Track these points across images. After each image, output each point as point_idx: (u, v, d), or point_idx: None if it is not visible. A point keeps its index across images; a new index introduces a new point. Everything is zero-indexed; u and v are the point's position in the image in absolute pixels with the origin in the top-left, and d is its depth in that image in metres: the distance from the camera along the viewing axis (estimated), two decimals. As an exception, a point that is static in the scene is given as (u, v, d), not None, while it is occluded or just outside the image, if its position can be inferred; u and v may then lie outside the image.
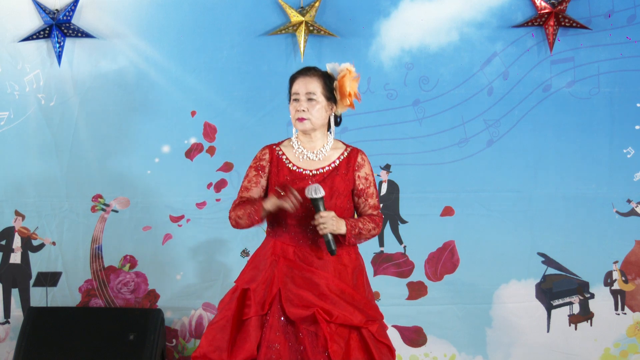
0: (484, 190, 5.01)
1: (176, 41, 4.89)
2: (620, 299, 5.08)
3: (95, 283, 4.96)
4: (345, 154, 3.57)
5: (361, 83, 4.90)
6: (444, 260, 5.03)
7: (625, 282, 5.08)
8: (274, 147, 3.61)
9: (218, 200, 4.95)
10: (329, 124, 3.58)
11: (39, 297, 4.95)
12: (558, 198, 5.03)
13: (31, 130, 4.89)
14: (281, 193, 3.42)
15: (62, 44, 4.79)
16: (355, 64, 4.82)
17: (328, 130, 3.60)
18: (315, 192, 3.38)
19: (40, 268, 4.95)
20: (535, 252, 5.05)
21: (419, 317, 5.02)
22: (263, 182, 3.57)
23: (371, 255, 5.01)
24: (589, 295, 5.07)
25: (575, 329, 5.08)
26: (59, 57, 4.81)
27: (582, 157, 5.02)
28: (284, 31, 4.83)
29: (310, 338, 3.38)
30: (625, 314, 5.08)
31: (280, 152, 3.58)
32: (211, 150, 4.95)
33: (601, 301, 5.07)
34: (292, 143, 3.59)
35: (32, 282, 4.96)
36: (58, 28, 4.77)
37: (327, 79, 3.55)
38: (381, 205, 4.97)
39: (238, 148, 4.92)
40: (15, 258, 4.95)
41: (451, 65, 4.96)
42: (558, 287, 5.06)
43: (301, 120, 3.50)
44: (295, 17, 4.81)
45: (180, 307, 4.99)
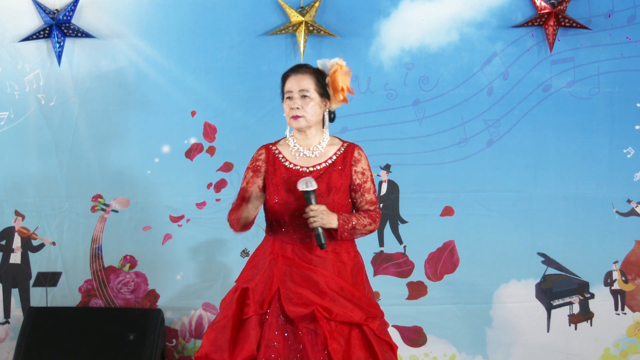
0: (484, 190, 5.01)
1: (176, 41, 4.88)
2: (620, 299, 5.08)
3: (95, 283, 4.96)
4: (342, 149, 3.57)
5: (361, 83, 4.98)
6: (444, 260, 5.03)
7: (625, 282, 5.08)
8: (270, 146, 3.61)
9: (218, 200, 4.95)
10: (324, 121, 3.58)
11: (39, 297, 4.95)
12: (558, 198, 5.03)
13: (31, 130, 4.89)
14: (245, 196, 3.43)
15: (62, 44, 4.79)
16: (355, 64, 4.89)
17: (323, 127, 3.59)
18: (307, 184, 3.36)
19: (40, 268, 4.95)
20: (535, 252, 5.04)
21: (419, 317, 5.02)
22: (260, 182, 3.57)
23: (371, 255, 5.00)
24: (589, 295, 5.07)
25: (575, 329, 5.07)
26: (59, 57, 4.80)
27: (582, 157, 5.01)
28: (284, 31, 4.83)
29: (309, 336, 3.37)
30: (625, 314, 5.08)
31: (276, 151, 3.57)
32: (211, 150, 4.95)
33: (601, 301, 5.07)
34: (287, 142, 3.59)
35: (32, 282, 4.95)
36: (58, 28, 4.76)
37: (319, 76, 3.54)
38: (381, 204, 4.97)
39: (238, 148, 4.91)
40: (15, 258, 4.95)
41: (451, 65, 4.96)
42: (558, 287, 5.05)
43: (296, 118, 3.49)
44: (295, 17, 4.80)
45: (180, 307, 4.99)
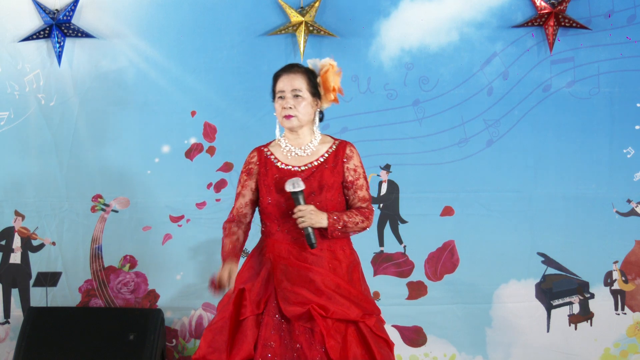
0: (484, 190, 5.01)
1: (176, 41, 4.88)
2: (620, 299, 5.08)
3: (95, 283, 4.96)
4: (334, 147, 3.57)
5: (361, 83, 4.98)
6: (443, 260, 5.03)
7: (625, 282, 5.08)
8: (262, 148, 3.62)
9: (218, 200, 4.95)
10: (315, 121, 3.58)
11: (39, 297, 4.95)
12: (558, 198, 5.03)
13: (31, 130, 4.89)
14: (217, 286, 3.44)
15: (62, 44, 4.79)
16: (355, 64, 4.90)
17: (314, 126, 3.59)
18: (294, 185, 3.37)
19: (40, 268, 4.95)
20: (535, 252, 5.04)
21: (419, 317, 5.02)
22: (252, 184, 3.58)
23: (371, 255, 5.00)
24: (589, 295, 5.07)
25: (575, 329, 5.07)
26: (59, 57, 4.80)
27: (582, 157, 5.01)
28: (283, 31, 4.83)
29: (306, 335, 3.37)
30: (625, 314, 5.08)
31: (268, 153, 3.58)
32: (211, 150, 4.95)
33: (601, 301, 5.07)
34: (279, 142, 3.59)
35: (32, 282, 4.95)
36: (58, 28, 4.76)
37: (311, 75, 3.55)
38: (381, 204, 4.97)
39: (238, 148, 4.90)
40: (15, 258, 4.95)
41: (451, 65, 4.96)
42: (558, 287, 5.05)
43: (288, 117, 3.49)
44: (295, 17, 4.80)
45: (180, 307, 4.99)
